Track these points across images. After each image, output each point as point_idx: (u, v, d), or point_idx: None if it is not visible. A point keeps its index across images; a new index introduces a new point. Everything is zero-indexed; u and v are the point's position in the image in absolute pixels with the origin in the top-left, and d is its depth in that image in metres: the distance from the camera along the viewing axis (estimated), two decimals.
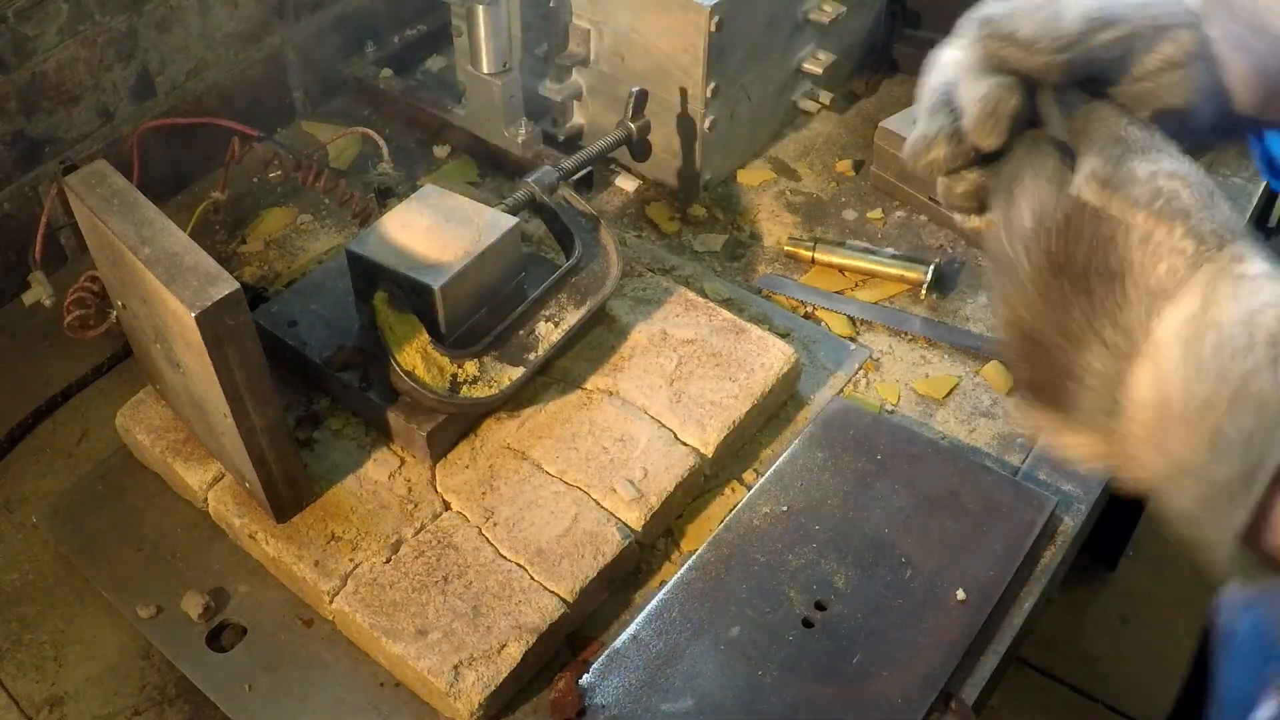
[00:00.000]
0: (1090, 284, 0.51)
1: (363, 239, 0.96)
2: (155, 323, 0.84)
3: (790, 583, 0.91)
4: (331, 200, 1.26)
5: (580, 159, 1.16)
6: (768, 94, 1.34)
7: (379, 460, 0.96)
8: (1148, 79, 0.57)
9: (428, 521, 0.92)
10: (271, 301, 1.05)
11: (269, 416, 0.84)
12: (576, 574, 0.88)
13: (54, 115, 1.18)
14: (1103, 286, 0.50)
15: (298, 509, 0.92)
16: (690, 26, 1.18)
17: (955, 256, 1.26)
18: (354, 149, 1.35)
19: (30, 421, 1.06)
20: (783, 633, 0.88)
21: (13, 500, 1.01)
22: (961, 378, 1.12)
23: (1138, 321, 0.49)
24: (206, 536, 0.96)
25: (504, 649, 0.84)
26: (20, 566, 0.96)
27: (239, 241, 1.24)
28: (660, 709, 0.84)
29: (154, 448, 0.97)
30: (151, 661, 0.90)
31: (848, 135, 1.43)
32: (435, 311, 0.93)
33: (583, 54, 1.29)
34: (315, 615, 0.91)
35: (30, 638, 0.91)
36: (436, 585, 0.88)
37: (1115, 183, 0.51)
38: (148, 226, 0.80)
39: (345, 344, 0.99)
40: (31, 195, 1.20)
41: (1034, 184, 0.54)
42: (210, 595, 0.91)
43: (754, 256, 1.26)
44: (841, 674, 0.86)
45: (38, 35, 1.13)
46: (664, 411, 0.99)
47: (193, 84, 1.31)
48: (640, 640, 0.88)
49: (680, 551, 0.96)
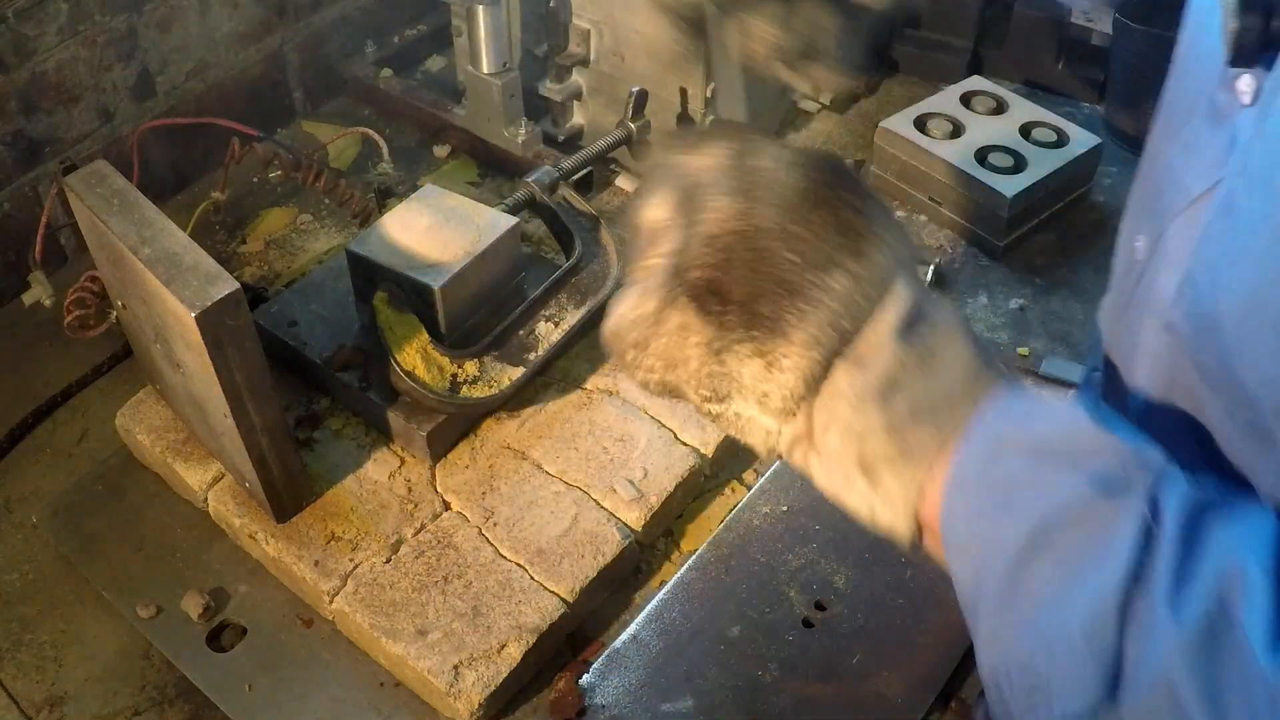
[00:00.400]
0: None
1: (363, 239, 0.96)
2: (155, 323, 0.84)
3: (790, 583, 0.91)
4: (331, 200, 1.26)
5: (580, 159, 1.16)
6: (768, 94, 1.34)
7: (379, 460, 0.96)
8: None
9: (428, 521, 0.92)
10: (271, 301, 1.05)
11: (269, 416, 0.84)
12: (576, 574, 0.88)
13: (54, 115, 1.18)
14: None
15: (298, 509, 0.92)
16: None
17: (955, 256, 1.26)
18: (354, 149, 1.35)
19: (30, 421, 1.06)
20: (783, 633, 0.88)
21: (13, 500, 1.01)
22: None
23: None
24: (206, 536, 0.96)
25: (504, 649, 0.84)
26: (20, 566, 0.96)
27: (239, 241, 1.24)
28: (660, 709, 0.84)
29: (154, 448, 0.97)
30: (151, 661, 0.90)
31: (848, 135, 1.43)
32: (435, 311, 0.93)
33: (583, 54, 1.29)
34: (315, 615, 0.91)
35: (30, 638, 0.91)
36: (436, 585, 0.88)
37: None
38: (148, 226, 0.79)
39: (345, 344, 0.99)
40: (31, 195, 1.20)
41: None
42: (210, 595, 0.91)
43: None
44: (841, 674, 0.86)
45: (38, 35, 1.13)
46: (664, 411, 0.99)
47: (193, 84, 1.31)
48: (640, 640, 0.88)
49: (680, 551, 0.96)
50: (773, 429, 0.58)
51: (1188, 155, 0.61)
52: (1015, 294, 1.20)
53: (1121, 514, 0.49)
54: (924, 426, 0.54)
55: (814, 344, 0.55)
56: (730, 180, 0.56)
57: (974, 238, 1.26)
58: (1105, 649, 0.48)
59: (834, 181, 0.56)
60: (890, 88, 1.48)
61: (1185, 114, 0.62)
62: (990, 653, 0.54)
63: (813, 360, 0.55)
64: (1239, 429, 0.50)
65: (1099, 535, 0.49)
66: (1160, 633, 0.47)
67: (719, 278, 0.56)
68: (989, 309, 1.19)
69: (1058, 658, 0.49)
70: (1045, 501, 0.51)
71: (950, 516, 0.54)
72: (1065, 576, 0.50)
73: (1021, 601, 0.52)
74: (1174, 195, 0.62)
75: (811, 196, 0.56)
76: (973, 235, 1.26)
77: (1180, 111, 0.64)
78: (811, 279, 0.55)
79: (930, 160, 1.26)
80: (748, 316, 0.55)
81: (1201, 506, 0.49)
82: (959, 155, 1.25)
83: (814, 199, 0.56)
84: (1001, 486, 0.53)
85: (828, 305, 0.55)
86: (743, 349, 0.56)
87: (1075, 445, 0.52)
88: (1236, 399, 0.50)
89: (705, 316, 0.56)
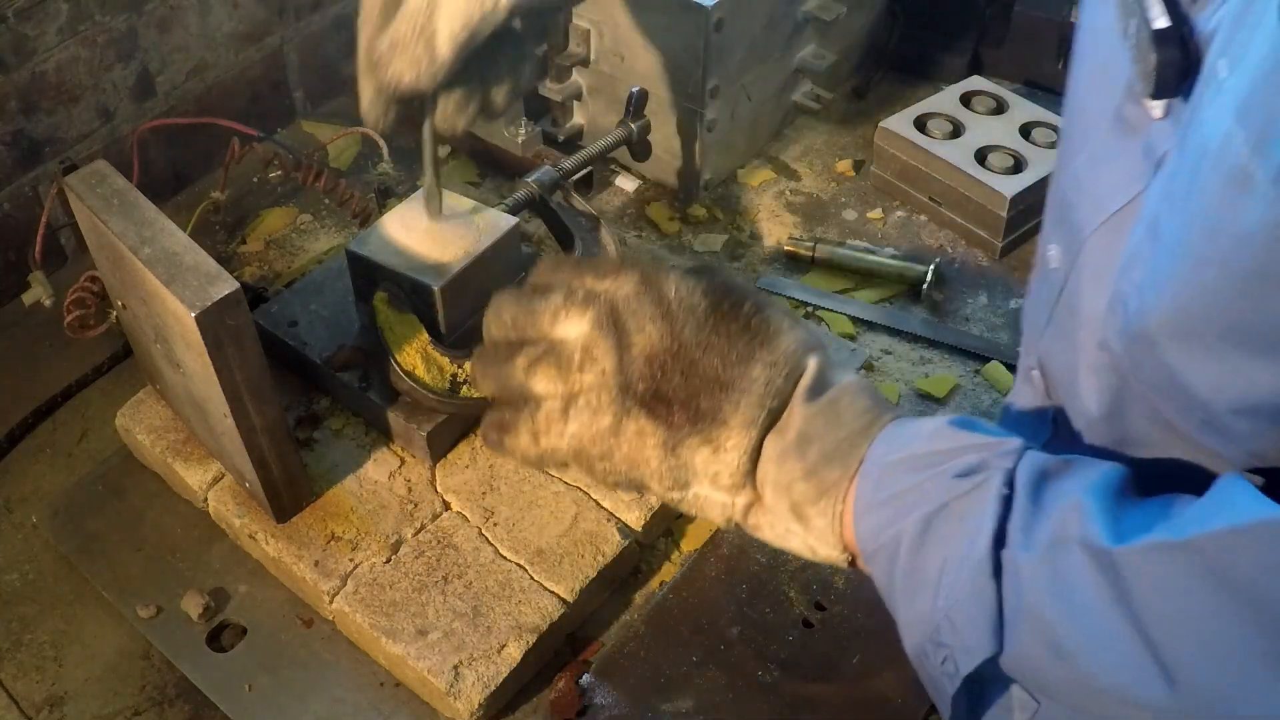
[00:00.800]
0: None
1: (363, 239, 0.96)
2: (155, 323, 0.84)
3: (790, 583, 0.91)
4: (331, 200, 1.26)
5: (580, 159, 1.16)
6: (768, 94, 1.34)
7: (379, 460, 0.96)
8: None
9: (428, 521, 0.92)
10: (271, 301, 1.05)
11: (269, 416, 0.84)
12: (576, 574, 0.88)
13: (54, 115, 1.18)
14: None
15: (298, 509, 0.92)
16: (690, 26, 1.18)
17: (955, 256, 1.26)
18: (354, 149, 1.35)
19: (30, 421, 1.06)
20: (783, 633, 0.88)
21: (13, 500, 1.01)
22: (961, 378, 1.12)
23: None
24: (206, 536, 0.96)
25: (504, 649, 0.84)
26: (20, 566, 0.96)
27: (239, 241, 1.24)
28: (660, 709, 0.84)
29: (154, 448, 0.97)
30: (151, 661, 0.90)
31: (848, 135, 1.43)
32: (435, 312, 0.93)
33: (583, 54, 1.29)
34: (315, 615, 0.91)
35: (30, 638, 0.91)
36: (436, 585, 0.88)
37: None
38: (148, 226, 0.80)
39: (345, 344, 0.99)
40: (31, 195, 1.20)
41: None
42: (210, 595, 0.91)
43: (754, 256, 1.26)
44: (841, 674, 0.86)
45: (38, 35, 1.13)
46: None
47: (193, 84, 1.31)
48: (640, 640, 0.88)
49: (680, 551, 0.96)
50: (727, 502, 0.67)
51: (1097, 167, 0.64)
52: (1015, 294, 1.20)
53: (984, 493, 0.58)
54: (834, 468, 0.64)
55: (751, 424, 0.65)
56: (651, 308, 0.67)
57: (974, 238, 1.26)
58: (987, 605, 0.56)
59: (732, 295, 0.67)
60: (890, 88, 1.48)
61: (1090, 125, 0.65)
62: (910, 637, 0.62)
63: (751, 438, 0.65)
64: (1195, 425, 0.54)
65: (968, 514, 0.58)
66: (1021, 574, 0.55)
67: (661, 387, 0.66)
68: (989, 309, 1.19)
69: (956, 624, 0.58)
70: (925, 500, 0.60)
71: (862, 534, 0.63)
72: (948, 554, 0.59)
73: (920, 584, 0.60)
74: (1087, 209, 0.65)
75: (718, 312, 0.67)
76: (973, 235, 1.26)
77: (1084, 123, 0.66)
78: (738, 373, 0.66)
79: (930, 160, 1.26)
80: (692, 414, 0.66)
81: (1048, 470, 0.58)
82: (959, 155, 1.25)
83: (721, 313, 0.67)
84: (893, 500, 0.61)
85: (755, 391, 0.65)
86: (692, 441, 0.66)
87: (942, 451, 0.61)
88: (1186, 403, 0.54)
89: (656, 420, 0.66)
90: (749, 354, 0.66)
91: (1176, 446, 0.60)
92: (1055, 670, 0.55)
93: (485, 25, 0.75)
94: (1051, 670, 0.55)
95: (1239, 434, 0.53)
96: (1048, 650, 0.55)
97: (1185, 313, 0.52)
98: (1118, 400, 0.63)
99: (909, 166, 1.29)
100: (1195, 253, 0.50)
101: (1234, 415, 0.52)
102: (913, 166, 1.28)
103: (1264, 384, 0.50)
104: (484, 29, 0.75)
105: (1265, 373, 0.50)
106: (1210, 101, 0.50)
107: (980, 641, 0.57)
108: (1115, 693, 0.53)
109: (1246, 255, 0.47)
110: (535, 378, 0.72)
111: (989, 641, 0.56)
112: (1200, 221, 0.50)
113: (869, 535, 0.63)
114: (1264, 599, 0.48)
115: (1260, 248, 0.47)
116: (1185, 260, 0.51)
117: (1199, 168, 0.50)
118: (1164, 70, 0.53)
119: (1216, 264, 0.49)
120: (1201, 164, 0.50)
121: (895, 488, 0.62)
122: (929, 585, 0.60)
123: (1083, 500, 0.56)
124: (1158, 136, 0.57)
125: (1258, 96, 0.47)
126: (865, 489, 0.63)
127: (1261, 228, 0.46)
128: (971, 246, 1.26)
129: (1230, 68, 0.49)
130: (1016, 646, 0.56)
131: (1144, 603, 0.51)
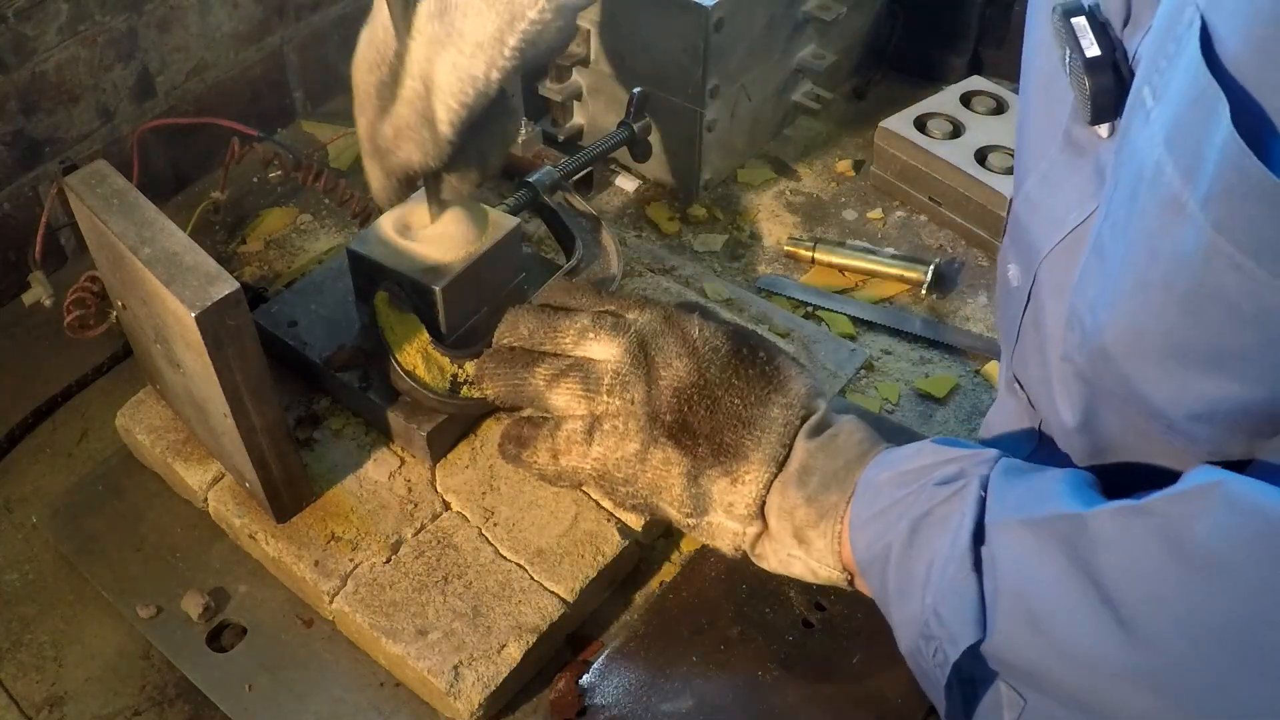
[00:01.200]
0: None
1: (363, 239, 0.96)
2: (155, 323, 0.84)
3: (790, 583, 0.91)
4: (331, 200, 1.26)
5: (580, 159, 1.16)
6: (768, 93, 1.34)
7: (379, 460, 0.96)
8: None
9: (428, 521, 0.92)
10: (271, 301, 1.05)
11: (269, 416, 0.84)
12: (576, 574, 0.88)
13: (54, 115, 1.18)
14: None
15: (298, 509, 0.92)
16: (690, 26, 1.18)
17: (955, 256, 1.26)
18: (354, 149, 1.35)
19: (30, 421, 1.06)
20: (783, 633, 0.88)
21: (13, 500, 1.01)
22: (961, 378, 1.12)
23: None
24: (206, 536, 0.96)
25: (504, 649, 0.84)
26: (20, 566, 0.96)
27: (239, 241, 1.25)
28: (660, 709, 0.84)
29: (154, 448, 0.97)
30: (151, 661, 0.90)
31: (848, 135, 1.43)
32: (436, 312, 0.93)
33: (583, 54, 1.29)
34: (315, 615, 0.91)
35: (30, 638, 0.91)
36: (436, 585, 0.88)
37: None
38: (148, 226, 0.79)
39: (345, 344, 0.99)
40: (31, 195, 1.20)
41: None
42: (210, 595, 0.91)
43: (754, 256, 1.26)
44: (841, 674, 0.86)
45: (38, 35, 1.13)
46: None
47: (193, 84, 1.31)
48: (640, 640, 0.88)
49: (680, 551, 0.96)
50: (739, 531, 0.72)
51: (1048, 188, 0.66)
52: None
53: (963, 496, 0.63)
54: (832, 492, 0.69)
55: (771, 460, 0.71)
56: (677, 345, 0.73)
57: (974, 238, 1.26)
58: (970, 596, 0.60)
59: (749, 341, 0.75)
60: (890, 88, 1.49)
61: (1041, 146, 0.66)
62: (904, 637, 0.66)
63: (770, 473, 0.70)
64: (1160, 430, 0.57)
65: (950, 517, 0.63)
66: (997, 552, 0.60)
67: (688, 419, 0.71)
68: (989, 309, 1.19)
69: (942, 616, 0.62)
70: (911, 509, 0.65)
71: (857, 549, 0.68)
72: (933, 555, 0.63)
73: (910, 586, 0.64)
74: (1042, 228, 0.67)
75: (739, 355, 0.73)
76: (973, 235, 1.26)
77: (1035, 144, 0.68)
78: (758, 413, 0.71)
79: (930, 160, 1.26)
80: (715, 447, 0.71)
81: (1022, 468, 0.64)
82: (959, 155, 1.25)
83: (741, 357, 0.73)
84: (883, 514, 0.66)
85: (775, 430, 0.71)
86: (713, 472, 0.71)
87: (925, 465, 0.66)
88: (1149, 411, 0.57)
89: (682, 451, 0.71)
90: (766, 396, 0.72)
91: (1153, 452, 0.64)
92: (1033, 647, 0.58)
93: (480, 100, 0.77)
94: (1030, 647, 0.59)
95: (1200, 438, 0.55)
96: (1025, 626, 0.58)
97: (1134, 331, 0.54)
98: (1090, 410, 0.66)
99: (909, 166, 1.29)
100: (1138, 274, 0.52)
101: (1191, 422, 0.55)
102: (913, 166, 1.28)
103: (1213, 395, 0.52)
104: (479, 104, 0.77)
105: (1211, 385, 0.52)
106: (1140, 129, 0.51)
107: (964, 630, 0.60)
108: (1084, 656, 0.55)
109: (1185, 276, 0.49)
110: (557, 391, 0.77)
111: (973, 629, 0.60)
112: (1141, 243, 0.52)
113: (864, 548, 0.68)
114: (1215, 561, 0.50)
115: (1197, 269, 0.48)
116: (1129, 280, 0.53)
117: (1136, 192, 0.52)
118: (1099, 97, 0.56)
119: (1158, 285, 0.51)
120: (1138, 188, 0.51)
121: (885, 502, 0.66)
122: (917, 585, 0.64)
123: (1056, 480, 0.61)
124: (1107, 155, 0.59)
125: (1183, 126, 0.48)
126: (859, 508, 0.68)
127: (1196, 250, 0.48)
128: (971, 246, 1.26)
129: (1154, 96, 0.50)
130: (998, 629, 0.60)
131: (1107, 564, 0.54)
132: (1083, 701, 0.57)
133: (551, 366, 0.77)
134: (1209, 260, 0.47)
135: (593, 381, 0.75)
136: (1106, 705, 0.56)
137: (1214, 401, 0.52)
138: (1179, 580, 0.51)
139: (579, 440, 0.76)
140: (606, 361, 0.75)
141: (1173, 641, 0.52)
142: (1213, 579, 0.50)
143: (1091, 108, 0.56)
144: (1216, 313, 0.49)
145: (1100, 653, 0.54)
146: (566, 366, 0.76)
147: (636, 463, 0.73)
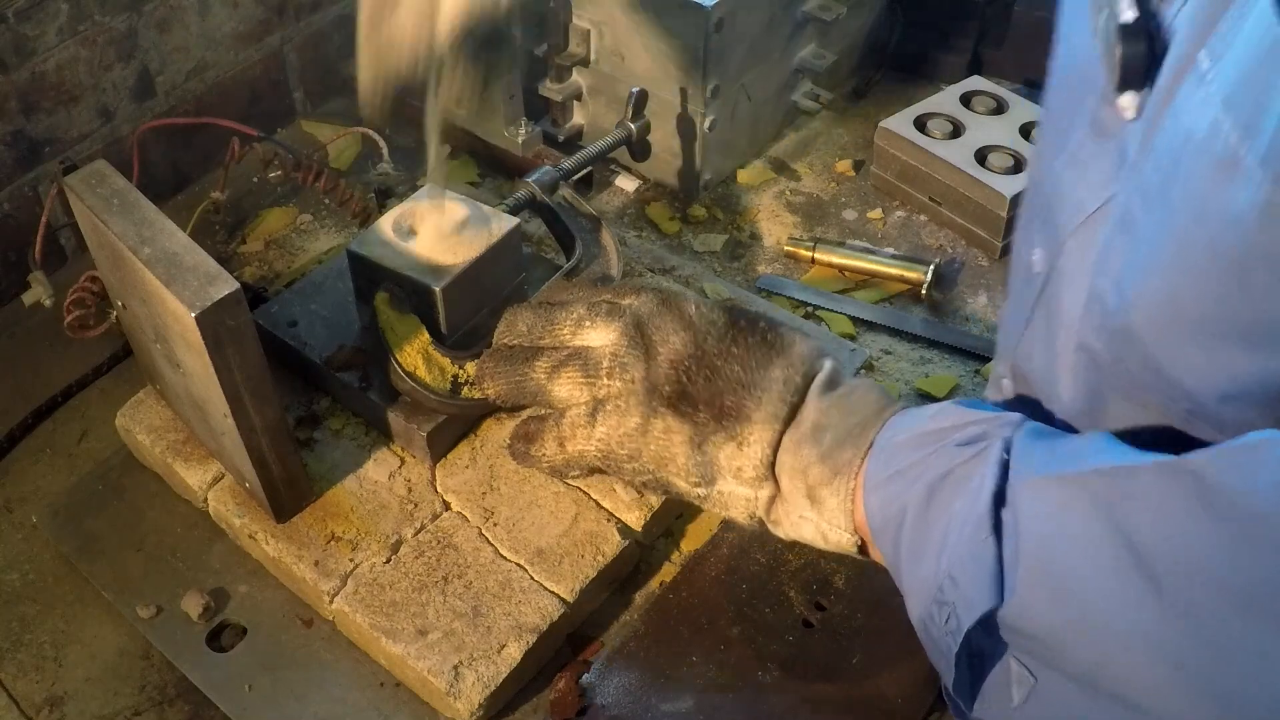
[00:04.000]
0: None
1: (363, 239, 0.96)
2: (155, 323, 0.84)
3: (790, 583, 0.91)
4: (331, 200, 1.26)
5: (580, 159, 1.16)
6: (768, 94, 1.34)
7: (379, 460, 0.96)
8: None
9: (428, 521, 0.92)
10: (271, 301, 1.05)
11: (269, 416, 0.84)
12: (576, 574, 0.88)
13: (54, 115, 1.18)
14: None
15: (298, 509, 0.92)
16: (690, 26, 1.18)
17: (955, 256, 1.26)
18: (354, 149, 1.35)
19: (30, 421, 1.06)
20: (783, 633, 0.88)
21: (13, 500, 1.01)
22: (961, 378, 1.12)
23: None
24: (206, 536, 0.96)
25: (504, 649, 0.84)
26: (20, 566, 0.96)
27: (239, 241, 1.24)
28: (660, 709, 0.84)
29: (154, 448, 0.97)
30: (151, 661, 0.90)
31: (848, 135, 1.43)
32: (436, 312, 0.93)
33: (583, 54, 1.29)
34: (315, 615, 0.91)
35: (30, 638, 0.91)
36: (436, 585, 0.88)
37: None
38: (148, 226, 0.79)
39: (345, 344, 0.99)
40: (31, 195, 1.20)
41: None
42: (210, 595, 0.91)
43: (754, 256, 1.26)
44: (841, 674, 0.86)
45: (38, 35, 1.13)
46: None
47: (193, 84, 1.31)
48: (640, 640, 0.88)
49: (680, 551, 0.96)
50: (750, 496, 0.71)
51: (1075, 169, 0.65)
52: None
53: (985, 457, 0.60)
54: (846, 449, 0.67)
55: (773, 419, 0.69)
56: (674, 321, 0.72)
57: (974, 238, 1.26)
58: (988, 559, 0.57)
59: (747, 314, 0.74)
60: (890, 88, 1.49)
61: (1068, 128, 0.66)
62: (915, 603, 0.64)
63: (774, 431, 0.68)
64: (1180, 417, 0.56)
65: (970, 478, 0.60)
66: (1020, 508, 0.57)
67: (687, 388, 0.70)
68: (989, 309, 1.19)
69: (957, 580, 0.59)
70: (930, 470, 0.62)
71: (871, 510, 0.66)
72: (951, 517, 0.60)
73: (925, 548, 0.62)
74: (1067, 210, 0.66)
75: (737, 326, 0.73)
76: (973, 235, 1.26)
77: (1063, 125, 0.68)
78: (759, 375, 0.70)
79: (930, 160, 1.26)
80: (716, 411, 0.70)
81: (1048, 431, 0.61)
82: (959, 155, 1.25)
83: (739, 328, 0.72)
84: (900, 474, 0.64)
85: (775, 389, 0.69)
86: (717, 438, 0.70)
87: (946, 427, 0.64)
88: (1172, 394, 0.55)
89: (682, 418, 0.70)
90: (767, 360, 0.71)
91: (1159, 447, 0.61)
92: (1053, 613, 0.55)
93: (485, 15, 0.76)
94: (1049, 613, 0.56)
95: (1227, 422, 0.53)
96: (1046, 591, 0.55)
97: (1169, 304, 0.52)
98: (1098, 399, 0.64)
99: (909, 166, 1.29)
100: (1180, 239, 0.51)
101: (1221, 403, 0.53)
102: (913, 166, 1.28)
103: (1250, 372, 0.50)
104: (483, 19, 0.76)
105: (1251, 361, 0.50)
106: (1191, 93, 0.51)
107: (981, 595, 0.57)
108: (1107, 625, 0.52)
109: (1234, 237, 0.48)
110: (558, 381, 0.76)
111: (989, 594, 0.57)
112: (1184, 208, 0.51)
113: (877, 510, 0.66)
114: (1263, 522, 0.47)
115: (1248, 230, 0.47)
116: (1167, 248, 0.52)
117: (1180, 157, 0.51)
118: (1129, 62, 0.54)
119: (1203, 247, 0.50)
120: (1184, 153, 0.50)
121: (902, 463, 0.64)
122: (933, 548, 0.61)
123: (1087, 440, 0.58)
124: (1130, 138, 0.58)
125: (1246, 83, 0.47)
126: (874, 467, 0.66)
127: (1250, 208, 0.47)
128: (971, 246, 1.26)
129: (1212, 58, 0.49)
130: (1015, 596, 0.56)
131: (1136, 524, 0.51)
132: (1097, 677, 0.54)
133: (551, 359, 0.77)
134: (1265, 218, 0.46)
135: (592, 367, 0.74)
136: (1121, 679, 0.52)
137: (1251, 379, 0.50)
138: (1220, 542, 0.48)
139: (583, 424, 0.75)
140: (604, 346, 0.75)
141: (1209, 610, 0.48)
142: (1259, 542, 0.47)
143: (1120, 73, 0.55)
144: (1266, 277, 0.47)
145: (1126, 621, 0.51)
146: (565, 356, 0.76)
147: (639, 436, 0.72)
